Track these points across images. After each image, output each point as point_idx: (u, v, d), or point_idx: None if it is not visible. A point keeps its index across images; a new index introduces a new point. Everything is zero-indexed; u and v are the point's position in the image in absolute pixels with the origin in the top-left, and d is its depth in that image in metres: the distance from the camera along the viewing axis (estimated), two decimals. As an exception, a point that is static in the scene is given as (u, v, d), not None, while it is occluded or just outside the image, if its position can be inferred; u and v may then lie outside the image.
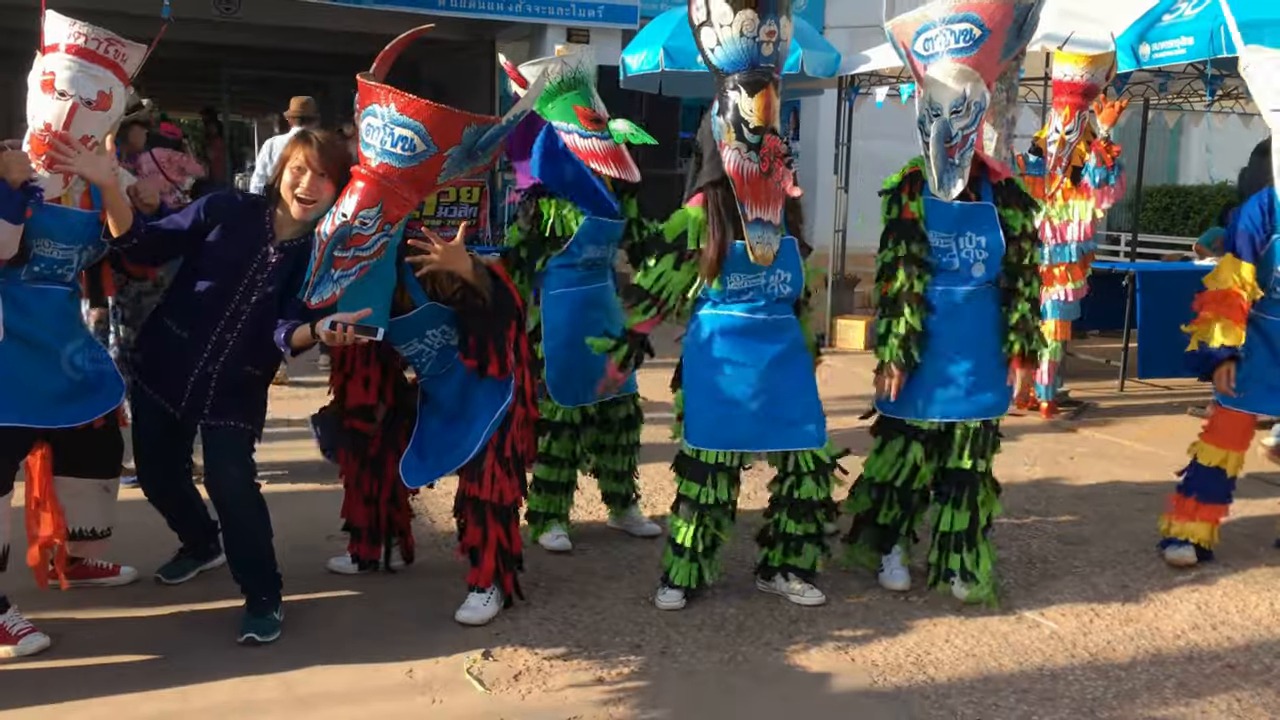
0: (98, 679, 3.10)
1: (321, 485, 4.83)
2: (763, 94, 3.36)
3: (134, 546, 3.86)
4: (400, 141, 3.08)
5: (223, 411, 3.33)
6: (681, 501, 3.64)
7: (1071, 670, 3.30)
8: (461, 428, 3.50)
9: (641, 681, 3.18)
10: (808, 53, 9.06)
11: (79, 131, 3.16)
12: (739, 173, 3.42)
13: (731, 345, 3.56)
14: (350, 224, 3.14)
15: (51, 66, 3.18)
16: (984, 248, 3.65)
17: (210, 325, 3.28)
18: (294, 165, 3.28)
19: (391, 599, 3.71)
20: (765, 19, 3.32)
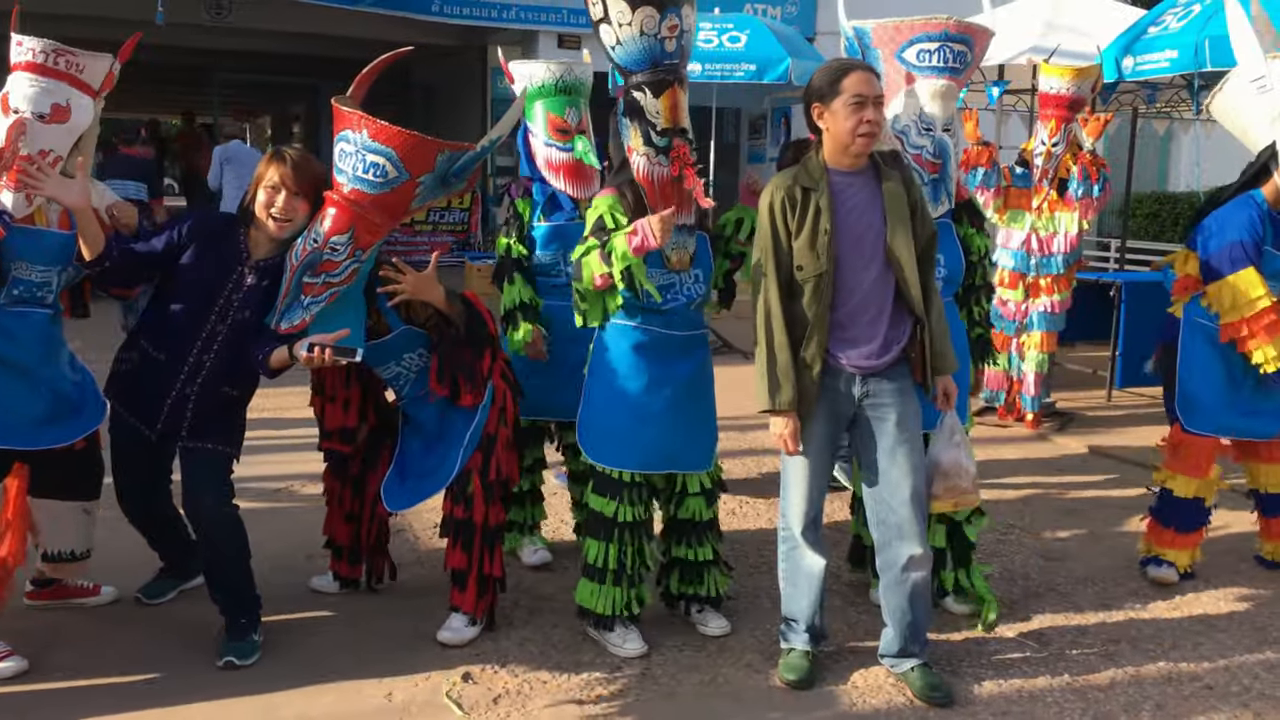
0: (76, 703, 3.09)
1: (301, 503, 4.83)
2: (669, 94, 3.23)
3: (114, 566, 3.85)
4: (372, 168, 3.08)
5: (200, 434, 3.32)
6: (596, 521, 3.49)
7: (1050, 692, 3.31)
8: (440, 450, 3.50)
9: (621, 704, 3.18)
10: (796, 62, 9.09)
11: (34, 146, 3.13)
12: (649, 179, 3.28)
13: (646, 361, 3.41)
14: (321, 250, 3.15)
15: (8, 86, 3.19)
16: (943, 265, 3.63)
17: (186, 347, 3.27)
18: (268, 184, 3.27)
19: (372, 618, 3.70)
20: (665, 14, 3.16)
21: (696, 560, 3.59)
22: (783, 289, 3.21)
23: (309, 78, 18.78)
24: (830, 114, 3.17)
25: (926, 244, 3.28)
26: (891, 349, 3.24)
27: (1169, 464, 4.15)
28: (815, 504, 3.36)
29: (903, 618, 3.28)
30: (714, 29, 9.22)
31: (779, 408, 3.19)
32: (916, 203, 3.28)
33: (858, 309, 3.21)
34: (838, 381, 3.24)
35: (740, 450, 5.58)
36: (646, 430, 3.41)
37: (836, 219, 3.17)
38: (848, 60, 3.32)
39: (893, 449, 3.23)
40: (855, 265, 3.19)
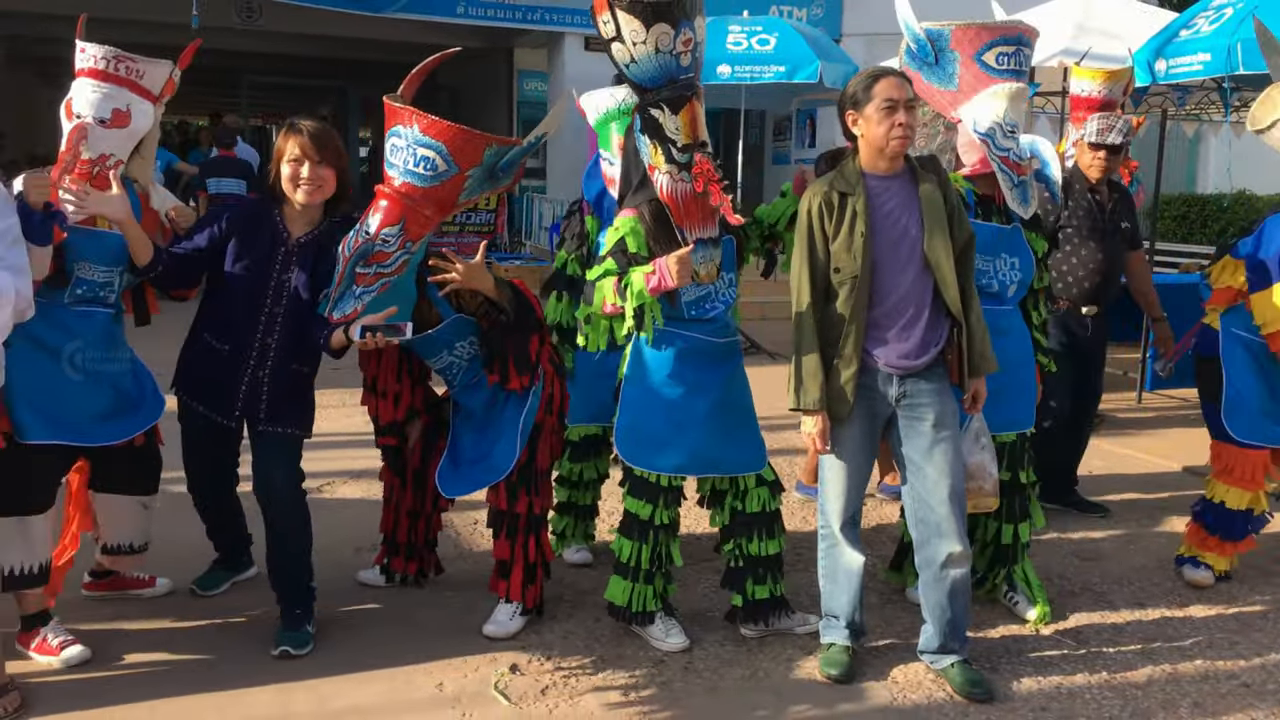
0: (137, 690, 3.19)
1: (347, 497, 4.92)
2: (687, 109, 3.21)
3: (169, 559, 3.95)
4: (423, 161, 3.16)
5: (277, 417, 3.42)
6: (631, 522, 3.52)
7: (1088, 689, 3.36)
8: (491, 437, 3.58)
9: (666, 697, 3.25)
10: (826, 64, 9.14)
11: (95, 150, 3.23)
12: (674, 197, 3.26)
13: (685, 367, 3.43)
14: (373, 241, 3.22)
15: (71, 92, 3.29)
16: (1017, 269, 3.70)
17: (249, 334, 3.36)
18: (290, 158, 3.33)
19: (419, 611, 3.79)
20: (680, 29, 3.12)
21: (768, 555, 3.57)
22: (818, 291, 3.28)
23: (336, 80, 18.97)
24: (864, 119, 3.24)
25: (964, 246, 3.33)
26: (929, 350, 3.30)
27: (1220, 477, 4.14)
28: (853, 502, 3.42)
29: (942, 614, 3.33)
30: (743, 31, 9.28)
31: (808, 407, 3.26)
32: (954, 206, 3.33)
33: (895, 310, 3.27)
34: (875, 381, 3.30)
35: (771, 450, 5.62)
36: (685, 435, 3.44)
37: (873, 222, 3.23)
38: (879, 67, 3.38)
39: (930, 449, 3.29)
40: (892, 267, 3.25)
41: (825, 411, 3.27)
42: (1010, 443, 3.77)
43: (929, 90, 3.66)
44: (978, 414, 3.48)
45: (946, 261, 3.25)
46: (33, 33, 14.06)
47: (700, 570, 4.12)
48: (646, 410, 3.46)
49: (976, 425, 3.53)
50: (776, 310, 10.01)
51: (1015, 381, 3.73)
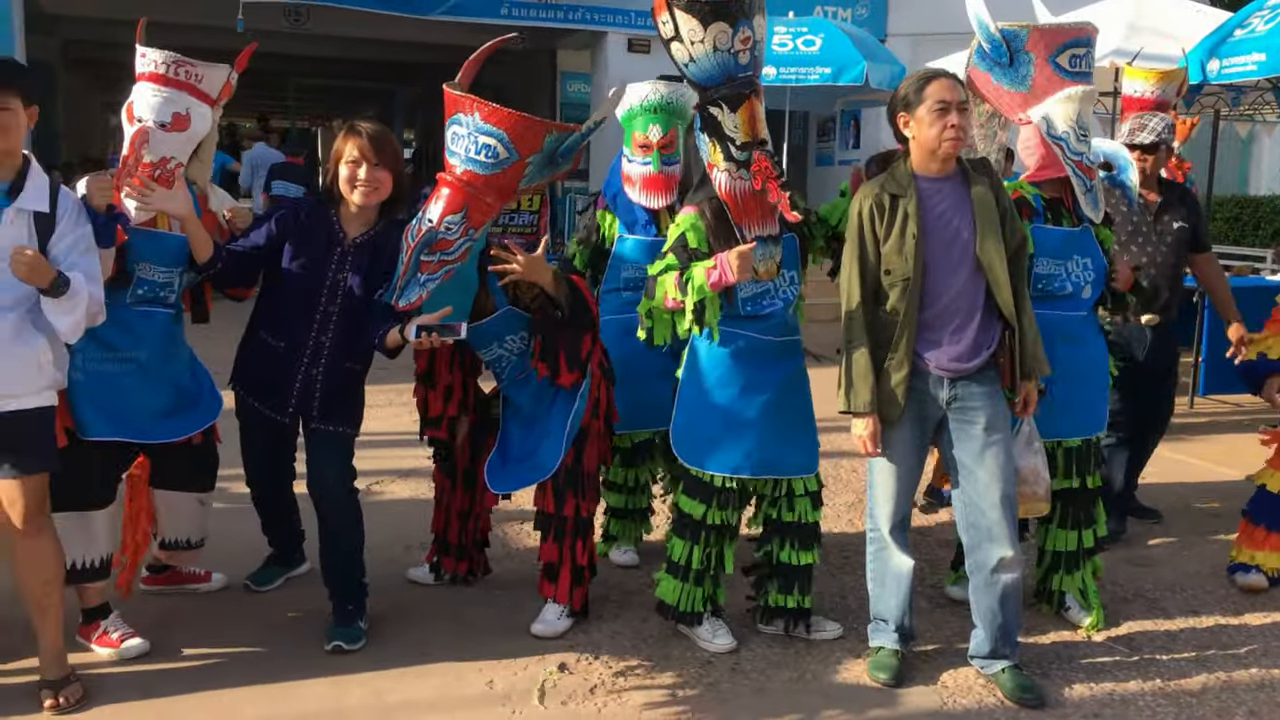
0: (195, 681, 3.25)
1: (397, 496, 4.97)
2: (746, 107, 3.18)
3: (224, 555, 4.02)
4: (484, 149, 3.19)
5: (329, 415, 3.48)
6: (683, 522, 3.53)
7: (1142, 696, 3.32)
8: (538, 434, 3.60)
9: (713, 697, 3.26)
10: (872, 65, 9.10)
11: (156, 154, 3.29)
12: (732, 195, 3.26)
13: (742, 366, 3.44)
14: (436, 229, 3.26)
15: (132, 96, 3.35)
16: (1090, 269, 3.67)
17: (304, 332, 3.42)
18: (348, 160, 3.38)
19: (468, 609, 3.82)
20: (738, 27, 3.10)
21: (798, 565, 3.56)
22: (868, 293, 3.28)
23: (382, 83, 19.15)
24: (916, 121, 3.23)
25: (1017, 249, 3.31)
26: (981, 352, 3.28)
27: (1273, 464, 4.13)
28: (903, 505, 3.41)
29: (993, 619, 3.31)
30: (788, 33, 9.27)
31: (859, 409, 3.25)
32: (1006, 208, 3.32)
33: (946, 312, 3.25)
34: (926, 384, 3.29)
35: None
36: (741, 435, 3.43)
37: (925, 223, 3.22)
38: (931, 69, 3.37)
39: (981, 452, 3.27)
40: (944, 269, 3.24)
41: (876, 414, 3.27)
42: (1077, 448, 3.74)
43: (998, 91, 3.63)
44: (1029, 417, 3.46)
45: (999, 264, 3.23)
46: (89, 37, 14.33)
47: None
48: (703, 410, 3.47)
49: (1028, 429, 3.50)
50: (821, 312, 9.97)
51: (1090, 386, 3.71)
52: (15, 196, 2.98)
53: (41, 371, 3.02)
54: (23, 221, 2.97)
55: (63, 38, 13.96)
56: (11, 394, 2.97)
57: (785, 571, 3.57)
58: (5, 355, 2.93)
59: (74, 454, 3.24)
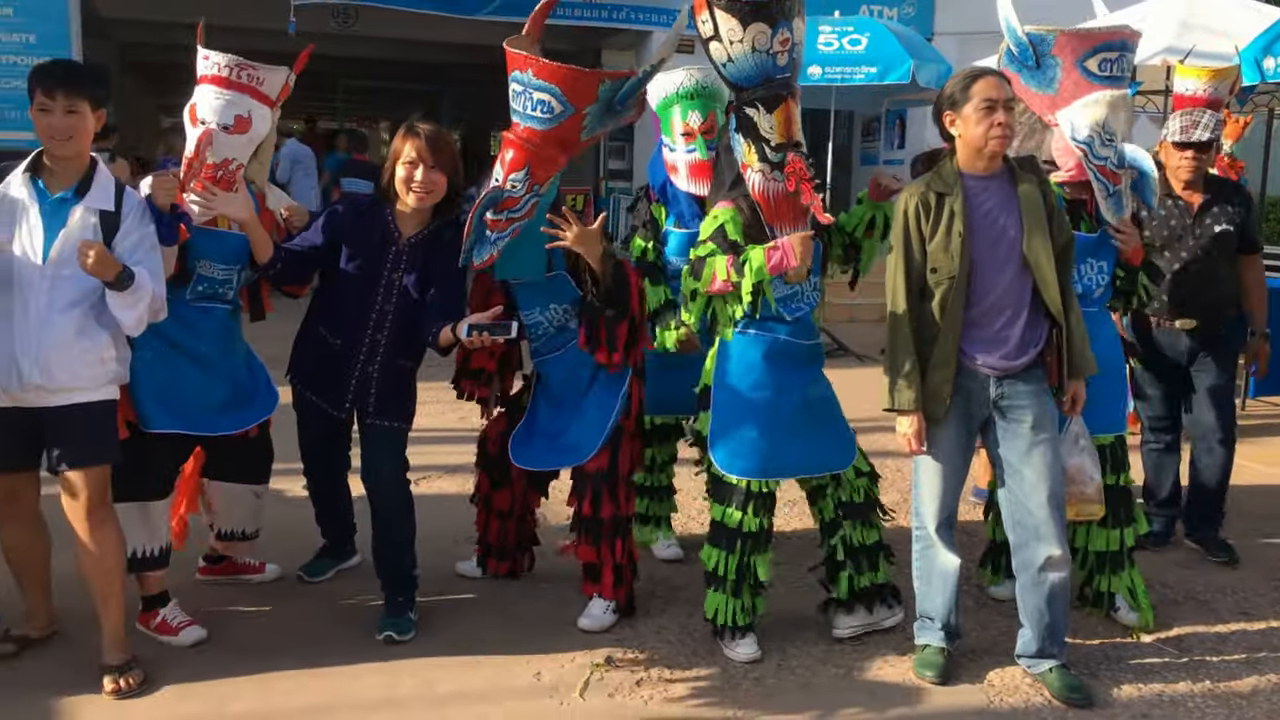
0: (252, 668, 3.32)
1: (445, 491, 5.04)
2: (782, 108, 3.22)
3: (276, 547, 4.11)
4: (539, 105, 3.27)
5: (384, 411, 3.55)
6: (718, 530, 3.50)
7: (1191, 697, 3.30)
8: (568, 414, 3.62)
9: (759, 692, 3.28)
10: (919, 63, 9.05)
11: (218, 155, 3.37)
12: (765, 196, 3.28)
13: (772, 370, 3.43)
14: (501, 188, 3.33)
15: (195, 98, 3.43)
16: (1105, 272, 3.68)
17: (360, 330, 3.49)
18: (405, 160, 3.43)
19: (515, 602, 3.88)
20: (777, 28, 3.13)
21: (869, 544, 3.58)
22: (913, 292, 3.28)
23: (429, 84, 19.33)
24: (962, 120, 3.23)
25: (1064, 247, 3.31)
26: (1028, 351, 3.28)
27: None
28: (949, 504, 3.41)
29: (1040, 619, 3.31)
30: (834, 32, 9.24)
31: (903, 407, 3.26)
32: (1053, 206, 3.31)
33: (993, 310, 3.25)
34: (972, 383, 3.28)
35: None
36: (775, 438, 3.43)
37: (971, 221, 3.22)
38: (977, 67, 3.37)
39: (1028, 451, 3.26)
40: (990, 267, 3.24)
41: (920, 412, 3.27)
42: (1109, 445, 3.73)
43: (1026, 93, 3.63)
44: (1077, 416, 3.45)
45: (1046, 261, 3.22)
46: (144, 40, 14.60)
47: (793, 569, 4.13)
48: (734, 414, 3.46)
49: (1076, 428, 3.49)
50: (864, 312, 9.97)
51: (1109, 384, 3.69)
52: (83, 196, 3.08)
53: (104, 366, 3.12)
54: (89, 220, 3.07)
55: (119, 41, 14.23)
56: (76, 387, 3.07)
57: (858, 552, 3.58)
58: (70, 350, 3.03)
59: (135, 446, 3.32)
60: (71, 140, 3.05)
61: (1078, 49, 3.51)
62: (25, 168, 3.09)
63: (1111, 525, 3.74)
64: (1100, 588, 3.81)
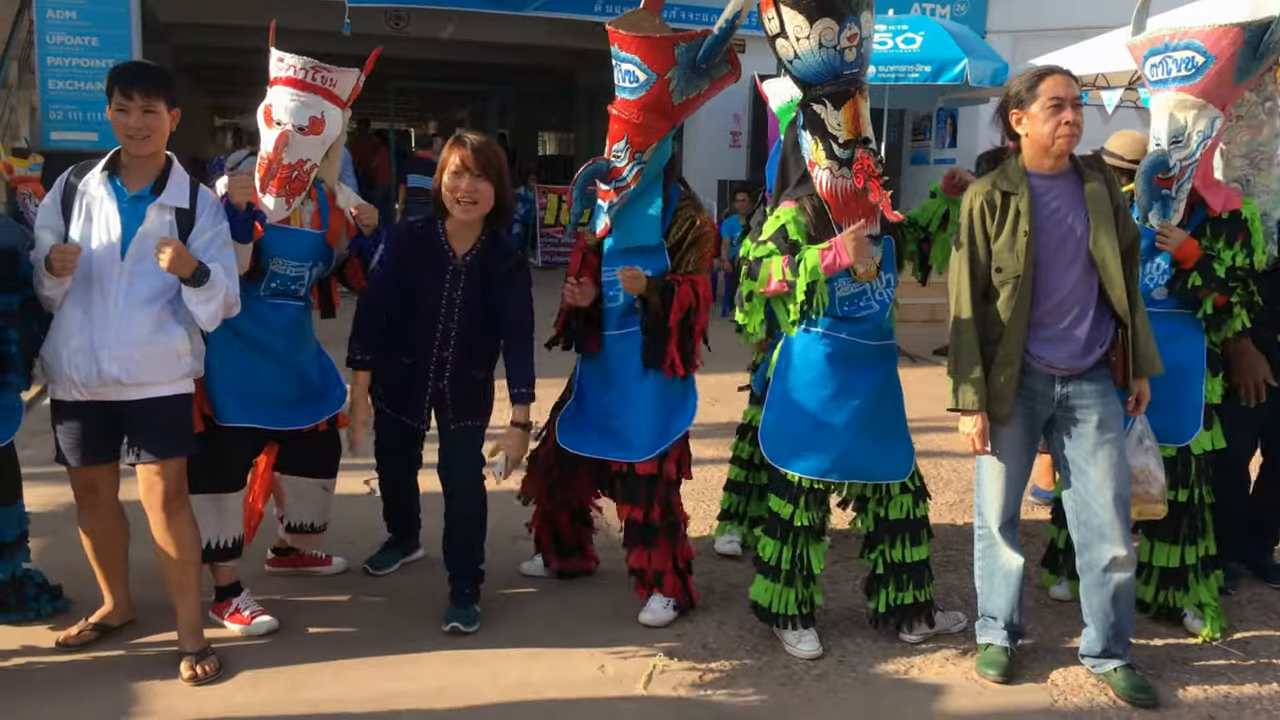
0: (323, 655, 3.40)
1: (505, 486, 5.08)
2: (850, 105, 3.21)
3: (342, 540, 4.19)
4: (626, 76, 3.42)
5: (463, 415, 3.64)
6: (774, 521, 3.54)
7: (1258, 699, 3.27)
8: (616, 399, 3.64)
9: (820, 688, 3.30)
10: (972, 61, 9.00)
11: (294, 156, 3.46)
12: (833, 194, 3.28)
13: (835, 369, 3.42)
14: (605, 159, 3.49)
15: (269, 99, 3.52)
16: (1167, 272, 3.60)
17: (427, 349, 3.57)
18: (451, 169, 3.45)
19: (577, 598, 3.92)
20: (845, 24, 3.12)
21: (912, 561, 3.54)
22: (977, 291, 3.28)
23: (479, 84, 19.49)
24: (1029, 118, 3.22)
25: (1130, 245, 3.29)
26: (1094, 351, 3.26)
27: None
28: (1012, 504, 3.41)
29: (1105, 619, 3.29)
30: (888, 31, 9.20)
31: (967, 407, 3.26)
32: (1120, 204, 3.29)
33: (1058, 310, 3.24)
34: (1037, 383, 3.28)
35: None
36: (830, 439, 3.43)
37: (1037, 221, 3.21)
38: (1044, 66, 3.36)
39: (1093, 451, 3.25)
40: (1057, 266, 3.23)
41: (984, 412, 3.27)
42: (1169, 457, 3.63)
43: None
44: (1141, 416, 3.42)
45: (1113, 261, 3.21)
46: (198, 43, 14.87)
47: (853, 566, 4.14)
48: (792, 410, 3.48)
49: (1140, 428, 3.47)
50: (915, 312, 9.91)
51: (1173, 390, 3.57)
52: (159, 194, 3.17)
53: (180, 361, 3.20)
54: (165, 217, 3.16)
55: (173, 44, 14.52)
56: (153, 382, 3.15)
57: (900, 569, 3.55)
58: (147, 345, 3.12)
59: (210, 439, 3.41)
60: (149, 139, 3.13)
61: (1138, 55, 3.57)
62: (103, 166, 3.18)
63: (1174, 540, 3.68)
64: (1166, 603, 3.75)
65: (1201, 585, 3.72)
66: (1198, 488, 3.67)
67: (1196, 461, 3.67)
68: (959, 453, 3.43)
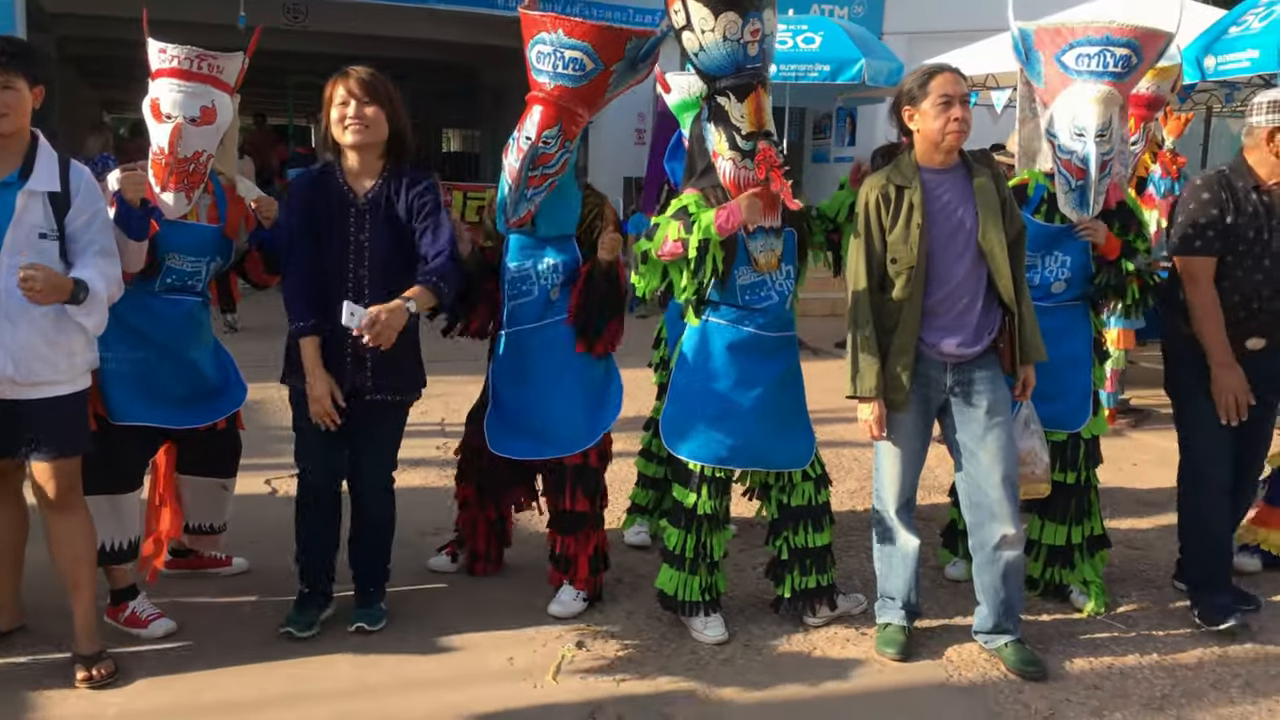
0: (223, 660, 3.33)
1: (409, 484, 5.05)
2: (753, 97, 3.28)
3: (243, 540, 4.12)
4: (571, 63, 3.36)
5: (383, 381, 3.41)
6: (677, 510, 3.59)
7: (1140, 669, 3.44)
8: (535, 395, 3.62)
9: (727, 672, 3.36)
10: (870, 61, 9.21)
11: (189, 149, 3.38)
12: (736, 184, 3.34)
13: (736, 359, 3.48)
14: (536, 144, 3.42)
15: (155, 92, 3.42)
16: (1067, 268, 3.74)
17: (339, 302, 3.22)
18: (338, 102, 3.29)
19: (486, 591, 3.92)
20: (748, 19, 3.20)
21: (815, 547, 3.63)
22: (873, 282, 3.38)
23: (379, 80, 19.17)
24: (920, 114, 3.33)
25: (1016, 237, 3.42)
26: (983, 338, 3.39)
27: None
28: (908, 487, 3.52)
29: (996, 595, 3.42)
30: (788, 30, 9.37)
31: (865, 394, 3.36)
32: (1006, 198, 3.43)
33: (950, 299, 3.36)
34: (930, 369, 3.39)
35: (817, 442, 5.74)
36: (731, 427, 3.49)
37: (929, 214, 3.33)
38: (934, 64, 3.48)
39: (983, 434, 3.38)
40: (948, 258, 3.35)
41: (881, 399, 3.37)
42: (1059, 442, 3.81)
43: (1032, 85, 3.80)
44: (1027, 401, 3.57)
45: (1000, 251, 3.34)
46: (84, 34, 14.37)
47: (757, 554, 4.22)
48: (693, 400, 3.53)
49: (1026, 412, 3.61)
50: (817, 306, 10.11)
51: (1063, 380, 3.75)
52: (26, 179, 2.97)
53: (74, 358, 3.09)
54: (37, 204, 2.98)
55: (58, 35, 14.01)
56: (49, 380, 3.04)
57: (804, 554, 3.64)
58: (42, 346, 3.00)
59: (104, 438, 3.32)
60: (7, 117, 2.94)
61: (1055, 43, 3.63)
62: None
63: (1061, 520, 3.86)
64: (1053, 580, 3.92)
65: (1086, 563, 3.89)
66: (1085, 470, 3.85)
67: (1085, 446, 3.84)
68: (860, 442, 3.53)
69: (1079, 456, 3.84)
